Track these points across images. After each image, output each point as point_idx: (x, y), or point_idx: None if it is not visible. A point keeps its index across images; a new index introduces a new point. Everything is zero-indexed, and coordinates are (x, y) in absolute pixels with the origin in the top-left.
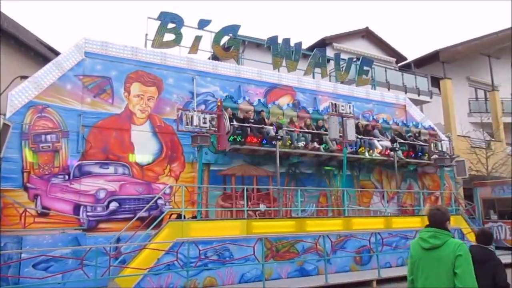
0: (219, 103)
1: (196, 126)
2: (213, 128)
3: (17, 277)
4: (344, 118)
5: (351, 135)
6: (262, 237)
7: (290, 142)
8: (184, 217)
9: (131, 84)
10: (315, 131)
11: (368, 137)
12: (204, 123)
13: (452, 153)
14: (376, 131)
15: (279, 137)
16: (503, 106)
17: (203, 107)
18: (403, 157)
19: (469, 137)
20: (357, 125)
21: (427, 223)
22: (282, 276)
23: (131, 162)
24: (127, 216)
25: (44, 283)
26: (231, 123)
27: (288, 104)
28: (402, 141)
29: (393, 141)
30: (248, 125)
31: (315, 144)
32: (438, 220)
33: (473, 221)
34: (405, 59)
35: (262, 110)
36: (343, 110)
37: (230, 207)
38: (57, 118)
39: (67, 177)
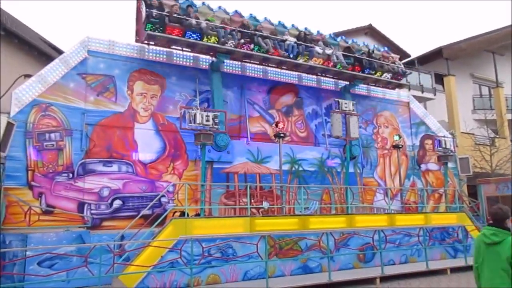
0: None
1: (199, 124)
2: (216, 126)
3: (22, 275)
4: (347, 116)
5: (354, 132)
6: (266, 235)
7: (216, 40)
8: (188, 215)
9: (134, 83)
10: (248, 31)
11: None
12: (207, 121)
13: (453, 150)
14: (320, 43)
15: (282, 134)
16: (508, 103)
17: (206, 105)
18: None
19: (473, 134)
20: (299, 35)
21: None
22: (285, 274)
23: (135, 160)
24: (130, 214)
25: (49, 281)
26: (148, 10)
27: (219, 7)
28: (348, 54)
29: (399, 137)
30: (166, 13)
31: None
32: (499, 218)
33: (477, 218)
34: (409, 56)
35: (189, 5)
36: (346, 107)
37: (233, 205)
38: (60, 117)
39: (71, 175)
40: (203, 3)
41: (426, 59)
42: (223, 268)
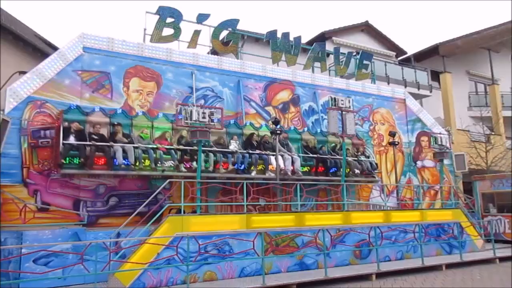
0: (58, 116)
1: (195, 121)
2: (212, 123)
3: (17, 272)
4: (343, 112)
5: (351, 129)
6: (262, 232)
7: (148, 163)
8: (184, 212)
9: (130, 79)
10: (186, 147)
11: (262, 152)
12: (203, 118)
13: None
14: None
15: (278, 132)
16: (503, 100)
17: (202, 101)
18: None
19: (468, 131)
20: (250, 136)
21: (428, 217)
22: (281, 270)
23: None
24: (126, 211)
25: (44, 278)
26: (65, 141)
27: (162, 113)
28: (310, 154)
29: (392, 135)
30: (88, 143)
31: (181, 166)
32: None
33: (473, 215)
34: (405, 53)
35: (117, 123)
36: (342, 104)
37: (229, 202)
38: (56, 114)
39: None
40: (142, 112)
41: (422, 56)
42: (219, 265)
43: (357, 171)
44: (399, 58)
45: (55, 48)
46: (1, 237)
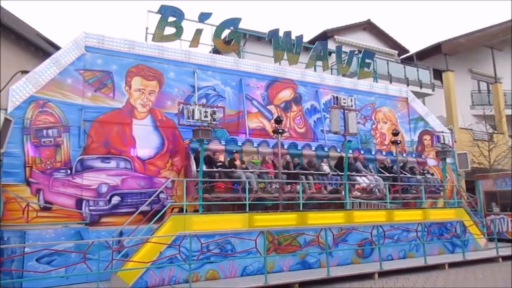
0: (186, 145)
1: (197, 120)
2: (214, 122)
3: (20, 271)
4: (346, 111)
5: (353, 128)
6: (264, 230)
7: (263, 186)
8: (186, 211)
9: (132, 78)
10: (293, 171)
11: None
12: (205, 116)
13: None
14: (358, 164)
15: (280, 130)
16: (506, 98)
17: (204, 100)
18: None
19: (471, 129)
20: (340, 159)
21: (430, 215)
22: (284, 269)
23: (133, 156)
24: (129, 210)
25: (47, 277)
26: (197, 169)
27: (264, 140)
28: (387, 174)
29: (395, 133)
30: (217, 170)
31: (286, 189)
32: None
33: (475, 213)
34: (407, 51)
35: (235, 151)
36: (345, 103)
37: (232, 201)
38: (58, 113)
39: (69, 171)
40: (248, 139)
41: (424, 55)
42: (221, 264)
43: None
44: (401, 57)
45: (57, 48)
46: (4, 236)
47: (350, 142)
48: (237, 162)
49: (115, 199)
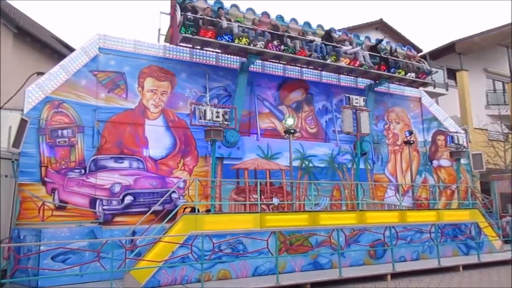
0: None
1: (209, 120)
2: (226, 122)
3: (36, 269)
4: (358, 111)
5: (365, 128)
6: (276, 231)
7: (247, 41)
8: (198, 211)
9: (145, 79)
10: (279, 32)
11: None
12: (217, 117)
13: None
14: (346, 43)
15: (292, 130)
16: None
17: (216, 101)
18: (368, 67)
19: (486, 130)
20: (329, 34)
21: (444, 217)
22: (295, 269)
23: (145, 156)
24: (142, 210)
25: (62, 275)
26: (183, 13)
27: (249, 8)
28: (374, 54)
29: (410, 133)
30: (200, 16)
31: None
32: None
33: (490, 215)
34: (421, 51)
35: (220, 7)
36: (357, 103)
37: (243, 201)
38: (72, 113)
39: (83, 171)
40: (233, 5)
41: (438, 54)
42: (233, 264)
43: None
44: None
45: (71, 49)
46: (20, 235)
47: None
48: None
49: (128, 199)
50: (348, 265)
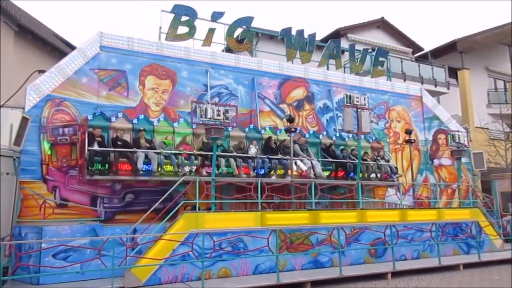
0: (83, 122)
1: (210, 118)
2: (227, 121)
3: (37, 266)
4: (359, 110)
5: (366, 127)
6: (276, 229)
7: (170, 168)
8: (199, 209)
9: (146, 77)
10: (207, 152)
11: (282, 157)
12: (218, 115)
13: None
14: (296, 147)
15: (293, 129)
16: None
17: (217, 99)
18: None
19: (487, 128)
20: (268, 140)
21: (445, 215)
22: (296, 268)
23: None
24: (142, 208)
25: (63, 272)
26: (90, 147)
27: (183, 119)
28: (329, 159)
29: (409, 132)
30: (112, 149)
31: (204, 171)
32: None
33: (491, 214)
34: (422, 49)
35: (141, 129)
36: (358, 101)
37: (244, 199)
38: (74, 111)
39: None
40: (164, 118)
41: (439, 53)
42: (234, 262)
43: (375, 175)
44: (415, 55)
45: (72, 47)
46: (22, 232)
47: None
48: (142, 141)
49: (129, 197)
50: (348, 263)
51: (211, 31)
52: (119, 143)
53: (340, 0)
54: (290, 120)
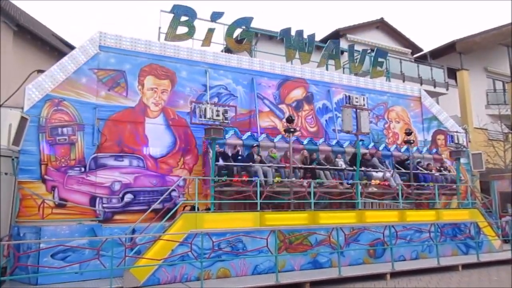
0: (204, 139)
1: (209, 118)
2: (226, 121)
3: (36, 266)
4: (358, 110)
5: (365, 127)
6: (275, 229)
7: (279, 180)
8: (198, 209)
9: (145, 78)
10: (309, 166)
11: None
12: (217, 115)
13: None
14: (375, 160)
15: (292, 129)
16: None
17: (216, 99)
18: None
19: (486, 129)
20: (354, 156)
21: (444, 216)
22: (295, 268)
23: (145, 154)
24: (141, 208)
25: (62, 272)
26: (216, 163)
27: (281, 136)
28: (403, 170)
29: (408, 133)
30: (235, 164)
31: (304, 182)
32: None
33: (490, 214)
34: (421, 50)
35: (254, 145)
36: (357, 102)
37: (243, 200)
38: (72, 111)
39: (83, 169)
40: (266, 135)
41: (438, 53)
42: (233, 262)
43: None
44: (415, 56)
45: (72, 47)
46: (20, 232)
47: (362, 141)
48: (256, 157)
49: (128, 197)
50: (347, 264)
51: (211, 31)
52: (239, 157)
53: (339, 0)
54: (290, 120)
